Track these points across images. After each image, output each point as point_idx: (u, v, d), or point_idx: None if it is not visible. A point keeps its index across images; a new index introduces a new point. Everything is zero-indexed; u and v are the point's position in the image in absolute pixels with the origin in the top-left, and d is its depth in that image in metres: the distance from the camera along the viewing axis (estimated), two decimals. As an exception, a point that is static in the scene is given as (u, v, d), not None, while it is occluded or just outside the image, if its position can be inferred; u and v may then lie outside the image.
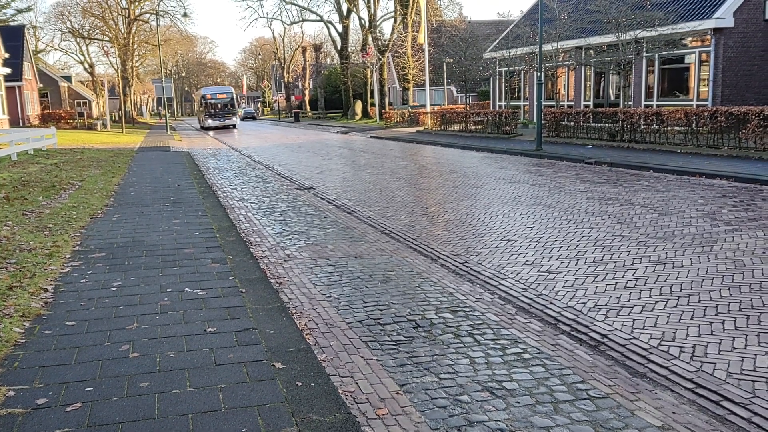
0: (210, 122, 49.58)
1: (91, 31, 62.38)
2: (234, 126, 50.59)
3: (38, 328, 5.05)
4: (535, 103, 21.80)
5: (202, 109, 51.86)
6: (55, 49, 69.70)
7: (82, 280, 6.37)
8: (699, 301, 5.65)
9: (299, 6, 57.95)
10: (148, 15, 59.79)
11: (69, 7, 61.69)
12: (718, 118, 16.09)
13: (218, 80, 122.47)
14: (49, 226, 9.02)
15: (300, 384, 4.04)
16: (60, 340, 4.79)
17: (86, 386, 4.02)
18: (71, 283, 6.29)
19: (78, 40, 65.25)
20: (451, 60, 37.71)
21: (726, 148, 15.89)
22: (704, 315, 5.33)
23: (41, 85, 51.99)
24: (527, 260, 7.27)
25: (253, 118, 79.07)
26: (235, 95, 53.40)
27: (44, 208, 10.61)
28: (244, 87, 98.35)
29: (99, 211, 10.49)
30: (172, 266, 6.91)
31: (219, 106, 50.04)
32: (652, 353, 4.66)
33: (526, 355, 4.64)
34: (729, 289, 5.94)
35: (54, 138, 25.56)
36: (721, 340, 4.83)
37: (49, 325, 5.10)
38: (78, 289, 6.07)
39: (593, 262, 7.07)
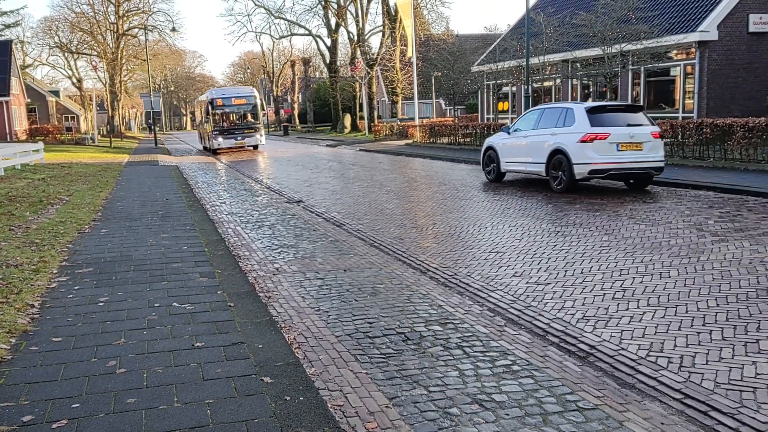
0: (221, 141, 32.31)
1: (79, 46, 62.32)
2: (256, 147, 34.09)
3: (24, 344, 4.99)
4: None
5: (209, 122, 33.81)
6: (43, 64, 69.50)
7: (69, 296, 6.32)
8: (686, 312, 5.68)
9: (288, 20, 58.25)
10: (136, 30, 59.86)
11: (57, 22, 61.67)
12: (704, 130, 16.27)
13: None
14: (36, 241, 8.96)
15: (289, 398, 4.02)
16: (46, 357, 4.74)
17: (73, 402, 3.98)
18: (58, 298, 6.24)
19: (66, 54, 65.17)
20: (440, 73, 37.95)
21: (712, 159, 16.06)
22: (692, 325, 5.36)
23: (29, 100, 51.81)
24: (516, 272, 7.29)
25: None
26: (259, 99, 34.84)
27: (31, 223, 10.53)
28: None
29: (86, 226, 10.42)
30: (160, 281, 6.87)
31: (235, 116, 33.17)
32: (640, 364, 4.68)
33: (516, 367, 4.64)
34: (716, 299, 5.98)
35: (41, 153, 25.42)
36: (708, 350, 4.86)
37: (36, 341, 5.05)
38: (65, 305, 6.02)
39: (581, 273, 7.10)
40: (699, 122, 16.74)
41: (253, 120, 33.42)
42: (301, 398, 4.02)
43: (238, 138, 32.54)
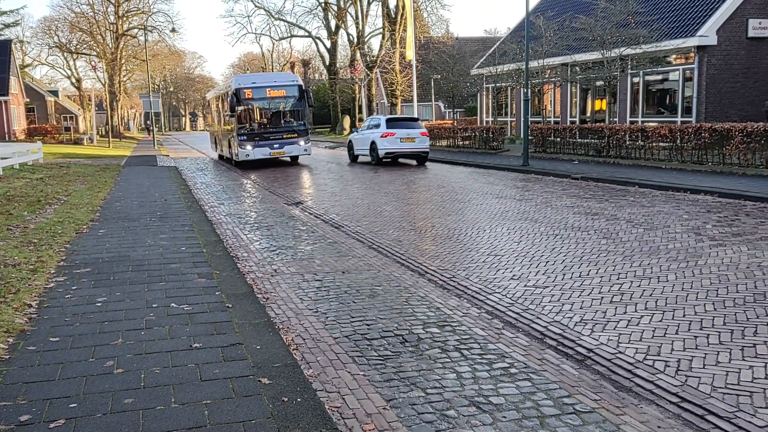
0: (251, 150, 22.87)
1: (78, 46, 62.31)
2: (295, 158, 25.11)
3: (22, 344, 4.99)
4: (522, 119, 21.98)
5: (230, 122, 23.94)
6: (42, 64, 69.46)
7: (67, 296, 6.31)
8: (684, 316, 5.69)
9: (288, 22, 58.26)
10: (136, 30, 59.88)
11: (56, 22, 61.68)
12: (702, 135, 16.29)
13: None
14: (34, 241, 8.95)
15: (286, 399, 4.02)
16: (44, 356, 4.74)
17: (70, 402, 3.98)
18: (56, 298, 6.23)
19: (65, 54, 65.15)
20: (439, 76, 37.98)
21: (710, 164, 16.08)
22: (689, 329, 5.37)
23: (27, 100, 51.79)
24: (514, 275, 7.30)
25: None
26: (304, 88, 24.31)
27: (29, 223, 10.52)
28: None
29: (84, 226, 10.41)
30: (158, 281, 6.87)
31: (271, 114, 23.72)
32: (637, 367, 4.68)
33: (513, 370, 4.65)
34: (713, 303, 5.99)
35: (40, 152, 25.41)
36: (705, 354, 4.86)
37: (33, 341, 5.05)
38: (62, 305, 6.01)
39: (579, 276, 7.11)
40: (697, 126, 16.76)
41: (295, 120, 23.70)
42: (299, 399, 4.02)
43: (275, 146, 22.79)
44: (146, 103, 43.92)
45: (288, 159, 24.98)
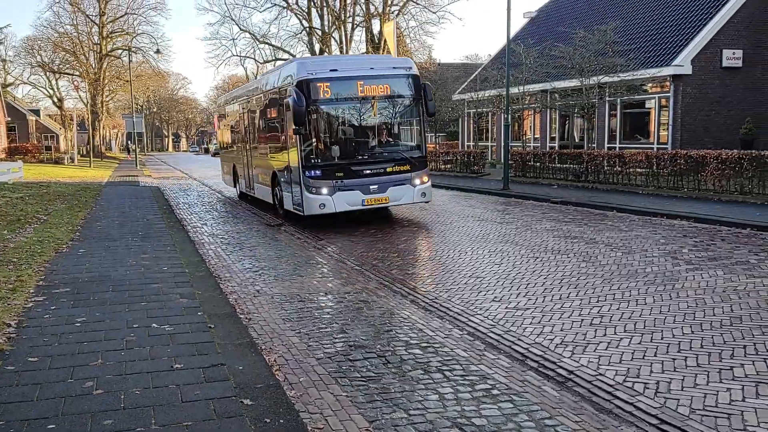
0: (326, 195, 12.45)
1: (61, 66, 61.95)
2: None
3: (0, 363, 4.92)
4: (503, 144, 22.24)
5: (290, 140, 13.11)
6: (24, 83, 68.90)
7: (46, 316, 6.24)
8: (662, 338, 5.78)
9: (273, 45, 58.53)
10: (120, 51, 59.77)
11: (40, 42, 61.31)
12: (678, 161, 16.62)
13: (189, 116, 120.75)
14: (14, 260, 8.84)
15: (269, 421, 4.01)
16: (22, 377, 4.68)
17: (48, 423, 3.93)
18: (35, 318, 6.16)
19: (48, 74, 64.73)
20: (422, 100, 38.34)
21: (686, 189, 16.38)
22: (667, 352, 5.45)
23: (9, 119, 51.26)
24: (495, 297, 7.35)
25: None
26: (419, 83, 13.26)
27: (8, 242, 10.39)
28: (217, 124, 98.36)
29: (64, 246, 10.31)
30: (139, 301, 6.82)
31: (364, 128, 13.08)
32: (617, 389, 4.74)
33: (495, 391, 4.68)
34: (691, 326, 6.09)
35: (20, 171, 25.19)
36: (684, 376, 4.94)
37: (12, 361, 4.98)
38: (41, 325, 5.94)
39: (560, 299, 7.18)
40: (673, 153, 17.10)
41: (407, 139, 13.90)
42: (281, 420, 4.01)
43: (372, 188, 12.76)
44: (129, 123, 43.70)
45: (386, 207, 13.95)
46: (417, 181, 13.17)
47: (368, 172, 12.65)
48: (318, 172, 12.44)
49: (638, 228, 11.88)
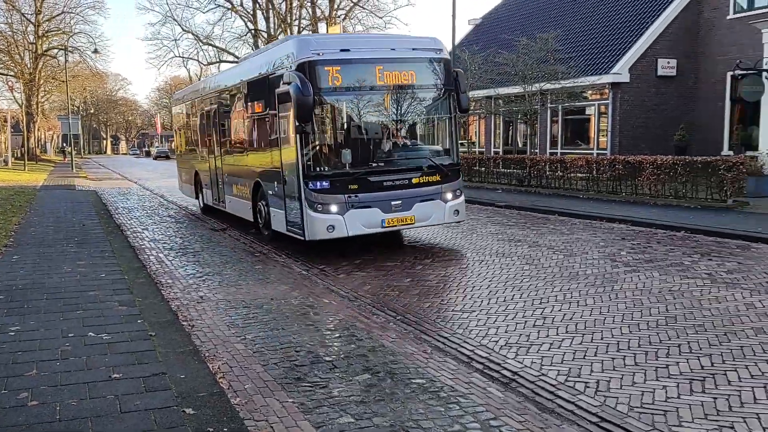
0: (335, 214, 9.46)
1: (-6, 65, 59.26)
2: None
3: None
4: (449, 149, 22.47)
5: (287, 142, 9.94)
6: (-47, 83, 65.61)
7: (-25, 326, 5.95)
8: (602, 338, 5.94)
9: (217, 47, 57.52)
10: (56, 51, 57.64)
11: (-30, 40, 58.54)
12: (616, 166, 17.16)
13: (129, 118, 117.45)
14: (-62, 268, 8.40)
15: (212, 430, 3.92)
16: (-52, 390, 4.44)
17: (-23, 439, 3.74)
18: (-38, 328, 5.86)
19: (-21, 73, 61.79)
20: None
21: (624, 194, 16.92)
22: (607, 351, 5.61)
23: (-66, 119, 48.73)
24: (442, 300, 7.41)
25: (167, 157, 77.11)
26: (450, 70, 10.44)
27: (-68, 248, 9.87)
28: (158, 126, 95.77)
29: (-5, 252, 9.85)
30: (75, 309, 6.58)
31: (383, 125, 10.21)
32: (559, 389, 4.84)
33: (442, 394, 4.71)
34: (629, 326, 6.28)
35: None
36: (622, 375, 5.09)
37: (-64, 375, 4.72)
38: (-30, 335, 5.66)
39: (504, 301, 7.30)
40: (612, 159, 17.66)
41: (436, 141, 11.35)
42: (225, 429, 3.93)
43: (394, 204, 9.86)
44: (65, 125, 42.10)
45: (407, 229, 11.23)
46: (449, 196, 10.35)
47: (389, 183, 9.82)
48: (325, 184, 9.50)
49: (579, 231, 12.20)
